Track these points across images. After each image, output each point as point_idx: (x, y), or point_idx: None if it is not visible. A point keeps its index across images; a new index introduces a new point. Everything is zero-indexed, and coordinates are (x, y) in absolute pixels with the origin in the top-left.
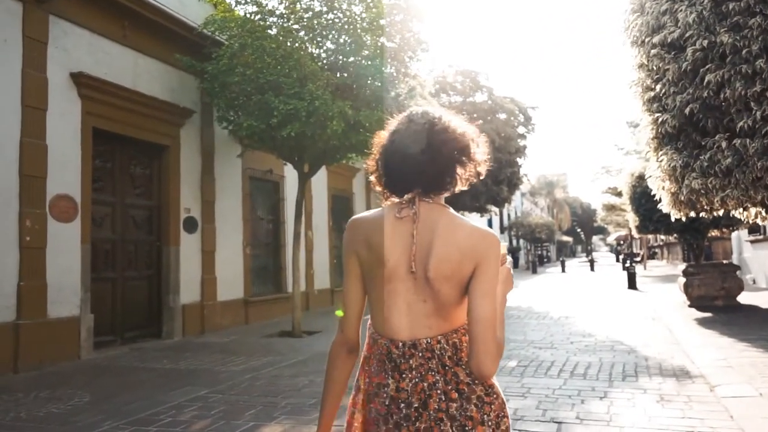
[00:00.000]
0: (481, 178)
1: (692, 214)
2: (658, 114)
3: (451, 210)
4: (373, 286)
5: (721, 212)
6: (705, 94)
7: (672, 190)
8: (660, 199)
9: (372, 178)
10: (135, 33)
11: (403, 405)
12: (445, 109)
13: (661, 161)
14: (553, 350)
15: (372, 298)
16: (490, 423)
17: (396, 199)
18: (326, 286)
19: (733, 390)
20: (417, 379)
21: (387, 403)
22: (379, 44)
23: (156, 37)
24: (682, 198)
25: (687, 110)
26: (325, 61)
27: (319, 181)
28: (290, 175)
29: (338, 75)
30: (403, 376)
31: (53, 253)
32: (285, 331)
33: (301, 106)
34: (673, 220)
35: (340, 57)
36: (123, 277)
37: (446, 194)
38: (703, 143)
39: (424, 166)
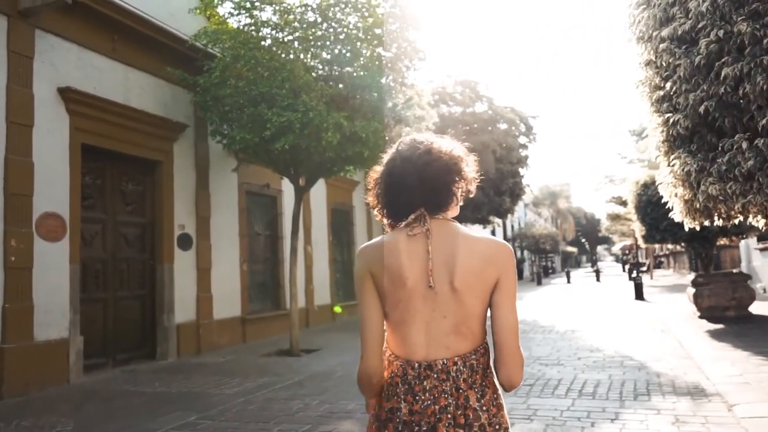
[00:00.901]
0: (471, 196)
1: (706, 222)
2: (669, 114)
3: (462, 226)
4: (392, 307)
5: (737, 220)
6: (721, 91)
7: (686, 197)
8: (672, 207)
9: (375, 212)
10: (125, 47)
11: (416, 428)
12: (431, 132)
13: (673, 166)
14: (560, 367)
15: (390, 320)
16: None
17: (412, 219)
18: (327, 302)
19: (754, 410)
20: (429, 402)
21: (400, 428)
22: (375, 54)
23: (147, 51)
24: (698, 205)
25: (701, 109)
26: (320, 72)
27: (318, 195)
28: (288, 189)
29: (333, 86)
30: (417, 398)
31: (40, 274)
32: (283, 349)
33: (294, 117)
34: (687, 229)
35: (336, 67)
36: (115, 296)
37: (451, 212)
38: (720, 145)
39: (415, 189)
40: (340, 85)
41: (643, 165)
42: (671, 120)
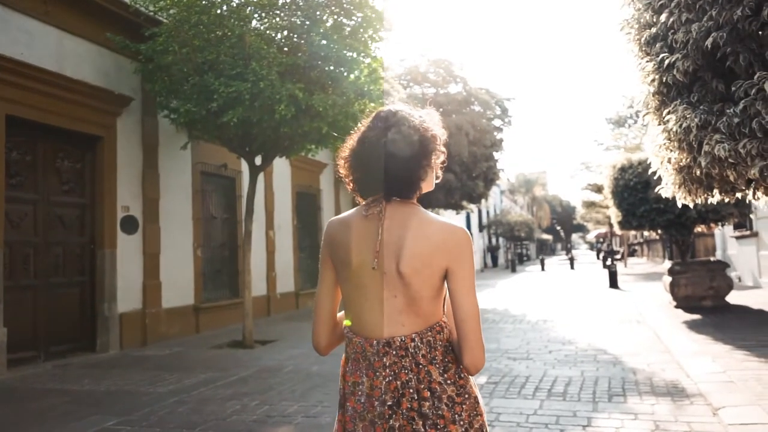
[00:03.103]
0: (438, 181)
1: (699, 200)
2: (664, 55)
3: (422, 209)
4: (346, 284)
5: (741, 194)
6: (737, 15)
7: (682, 163)
8: (662, 178)
9: (346, 182)
10: (59, 9)
11: (377, 403)
12: (406, 104)
13: (666, 123)
14: (529, 362)
15: (346, 297)
16: (462, 422)
17: (371, 200)
18: (291, 290)
19: (741, 414)
20: (390, 377)
21: (362, 401)
22: (338, 22)
23: (85, 15)
24: (698, 173)
25: (708, 42)
26: (276, 40)
27: (282, 177)
28: (248, 169)
29: (290, 55)
30: (377, 374)
31: None
32: (236, 341)
33: (244, 88)
34: (679, 205)
35: (293, 36)
36: (47, 284)
37: (416, 193)
38: (732, 88)
39: (378, 174)
40: (299, 54)
41: (619, 152)
42: (666, 62)
